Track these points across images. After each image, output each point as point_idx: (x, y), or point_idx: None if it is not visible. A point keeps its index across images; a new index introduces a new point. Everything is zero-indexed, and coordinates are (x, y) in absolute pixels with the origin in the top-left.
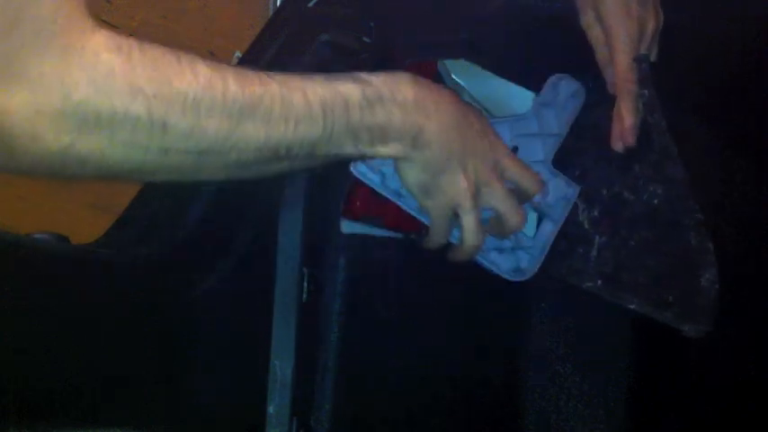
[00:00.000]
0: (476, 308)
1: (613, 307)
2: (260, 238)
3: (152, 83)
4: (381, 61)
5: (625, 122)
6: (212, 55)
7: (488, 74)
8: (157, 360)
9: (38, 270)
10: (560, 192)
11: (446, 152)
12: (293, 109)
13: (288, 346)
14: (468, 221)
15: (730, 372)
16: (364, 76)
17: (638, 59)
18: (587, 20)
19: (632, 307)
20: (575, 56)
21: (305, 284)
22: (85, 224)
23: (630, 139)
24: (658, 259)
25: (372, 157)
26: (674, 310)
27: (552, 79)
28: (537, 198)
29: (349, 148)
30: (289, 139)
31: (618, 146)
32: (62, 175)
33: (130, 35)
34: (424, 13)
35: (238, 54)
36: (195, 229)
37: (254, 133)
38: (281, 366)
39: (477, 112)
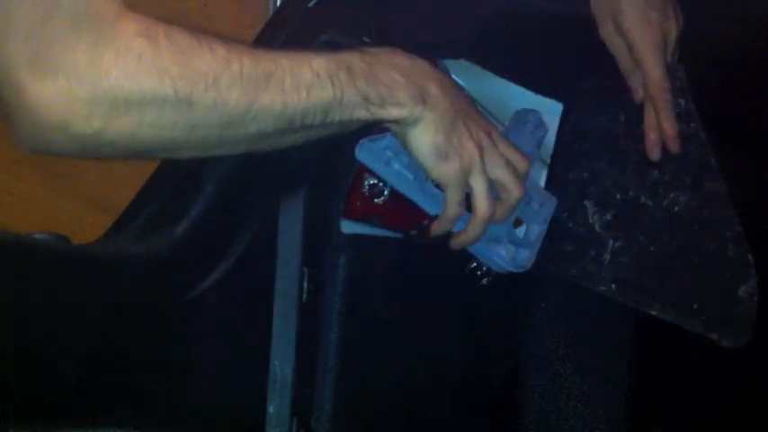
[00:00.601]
0: (476, 308)
1: (613, 307)
2: (260, 238)
3: (177, 65)
4: None
5: (668, 131)
6: None
7: (488, 74)
8: (157, 360)
9: (38, 270)
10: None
11: (453, 111)
12: (303, 78)
13: (288, 346)
14: (481, 186)
15: (730, 372)
16: (361, 48)
17: (672, 69)
18: (607, 32)
19: (654, 313)
20: (575, 56)
21: (305, 284)
22: (85, 224)
23: (676, 148)
24: (687, 267)
25: (386, 120)
26: (701, 318)
27: (518, 113)
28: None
29: (362, 112)
30: (303, 107)
31: (655, 154)
32: (93, 155)
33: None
34: (424, 13)
35: None
36: (195, 229)
37: (271, 104)
38: (281, 366)
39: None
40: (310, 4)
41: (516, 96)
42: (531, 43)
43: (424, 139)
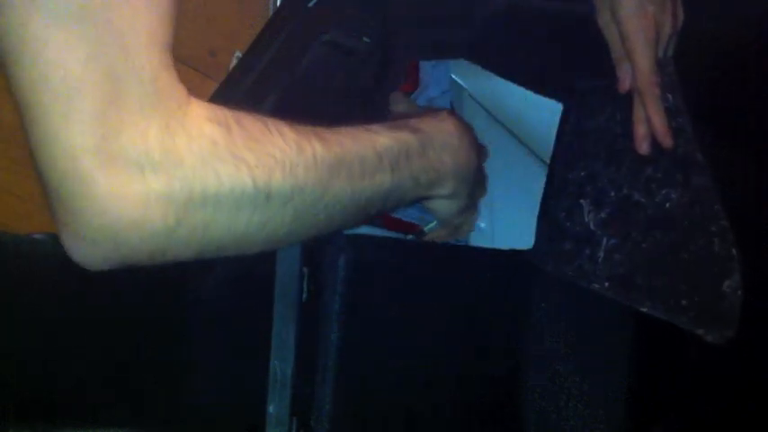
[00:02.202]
0: (476, 308)
1: (614, 307)
2: None
3: (252, 152)
4: (381, 61)
5: (656, 125)
6: (212, 55)
7: (488, 74)
8: (157, 360)
9: (38, 270)
10: None
11: (480, 175)
12: (369, 163)
13: (288, 346)
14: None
15: (730, 372)
16: (413, 122)
17: (662, 63)
18: (604, 19)
19: (645, 310)
20: (575, 56)
21: (305, 284)
22: None
23: (668, 142)
24: (676, 263)
25: (429, 199)
26: (689, 314)
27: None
28: None
29: (411, 193)
30: (368, 194)
31: (643, 149)
32: (161, 258)
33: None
34: (424, 13)
35: (238, 54)
36: None
37: (341, 191)
38: (281, 366)
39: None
40: (310, 4)
41: (516, 96)
42: (531, 43)
43: (450, 207)
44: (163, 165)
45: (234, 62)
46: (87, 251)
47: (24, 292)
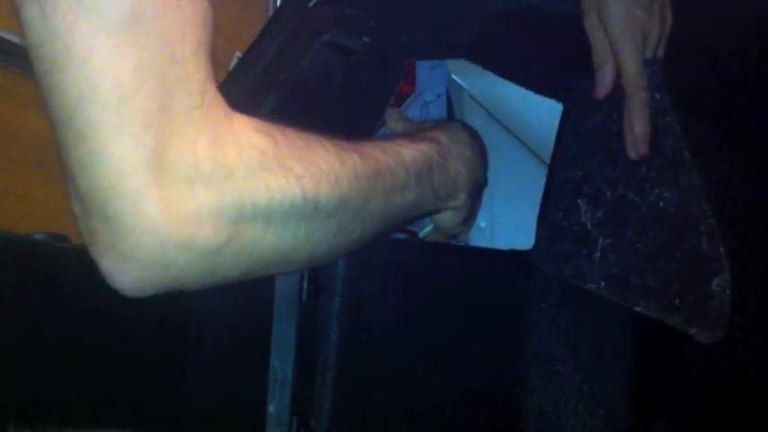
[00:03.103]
0: (476, 307)
1: (614, 307)
2: None
3: (299, 162)
4: (381, 61)
5: (636, 130)
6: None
7: (488, 74)
8: (157, 360)
9: (38, 270)
10: None
11: (485, 185)
12: (399, 177)
13: (288, 346)
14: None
15: (730, 372)
16: (432, 134)
17: (649, 63)
18: (590, 22)
19: (639, 309)
20: (574, 56)
21: (305, 284)
22: None
23: (643, 149)
24: (669, 263)
25: (444, 210)
26: (682, 314)
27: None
28: None
29: (430, 206)
30: (397, 207)
31: (632, 154)
32: (207, 281)
33: None
34: (424, 13)
35: (238, 54)
36: None
37: (376, 205)
38: (281, 366)
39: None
40: (310, 4)
41: (516, 96)
42: (531, 43)
43: (453, 219)
44: (213, 178)
45: (234, 62)
46: (134, 275)
47: (24, 291)
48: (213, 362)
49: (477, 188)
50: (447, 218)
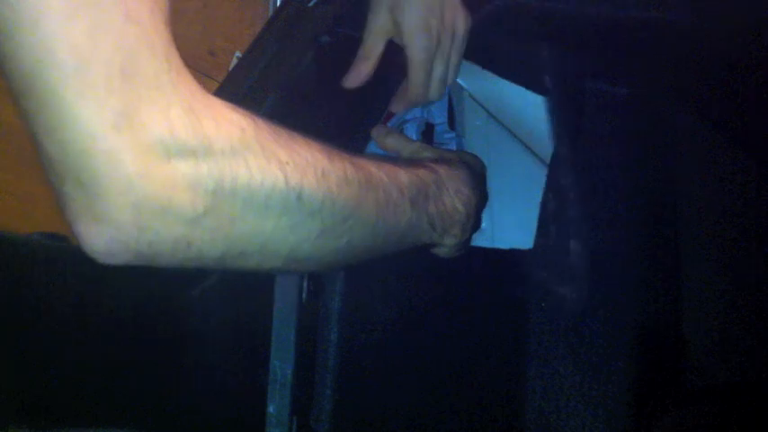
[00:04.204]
0: (476, 308)
1: (613, 307)
2: None
3: (283, 149)
4: (381, 61)
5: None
6: (212, 55)
7: (488, 74)
8: (157, 360)
9: (38, 270)
10: None
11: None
12: (393, 194)
13: (288, 346)
14: None
15: (730, 372)
16: (432, 165)
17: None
18: (379, 23)
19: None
20: (573, 56)
21: (305, 284)
22: None
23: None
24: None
25: (438, 245)
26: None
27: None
28: None
29: (425, 237)
30: (390, 225)
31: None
32: (182, 253)
33: None
34: None
35: (238, 54)
36: None
37: (368, 215)
38: (281, 366)
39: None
40: (310, 4)
41: (516, 96)
42: (531, 43)
43: (446, 252)
44: (190, 147)
45: (234, 62)
46: (108, 237)
47: (24, 291)
48: (213, 362)
49: (473, 227)
50: (440, 251)
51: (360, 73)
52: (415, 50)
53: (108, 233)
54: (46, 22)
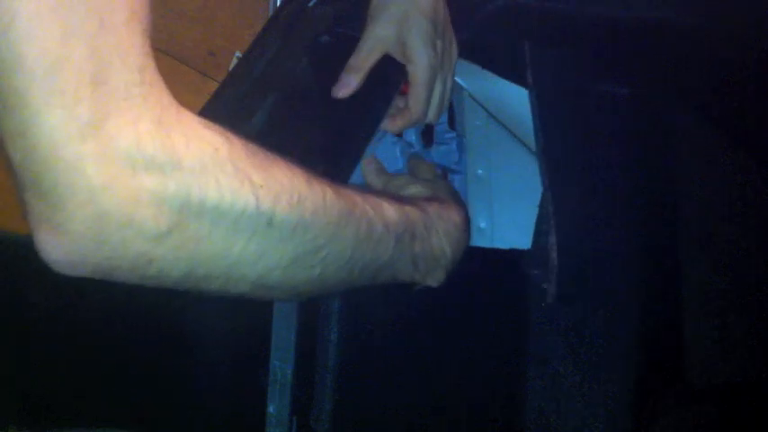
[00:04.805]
0: (476, 308)
1: (613, 307)
2: None
3: (258, 171)
4: (381, 61)
5: (350, 86)
6: (212, 55)
7: (488, 74)
8: (158, 360)
9: (38, 270)
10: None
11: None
12: (375, 228)
13: (288, 346)
14: None
15: (731, 372)
16: (422, 203)
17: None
18: (383, 33)
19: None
20: (573, 56)
21: None
22: None
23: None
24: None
25: (420, 285)
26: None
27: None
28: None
29: (406, 275)
30: (367, 259)
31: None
32: (141, 270)
33: None
34: None
35: (238, 54)
36: None
37: (343, 247)
38: (281, 366)
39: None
40: (310, 4)
41: (516, 96)
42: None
43: (431, 283)
44: (157, 161)
45: (234, 62)
46: (67, 249)
47: (24, 291)
48: (213, 362)
49: (455, 265)
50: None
51: (349, 84)
52: (421, 69)
53: (66, 244)
54: (17, 24)
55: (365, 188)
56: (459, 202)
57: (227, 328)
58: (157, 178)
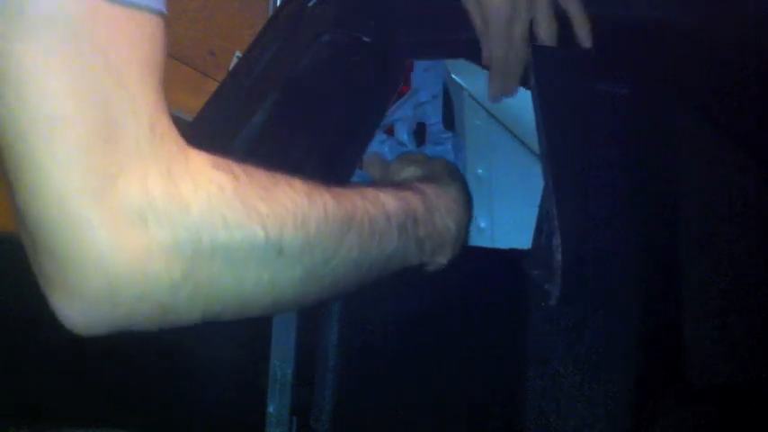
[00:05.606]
0: (476, 307)
1: (613, 306)
2: None
3: (263, 201)
4: (381, 61)
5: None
6: (212, 55)
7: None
8: (157, 360)
9: None
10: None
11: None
12: (377, 224)
13: (288, 346)
14: None
15: (731, 372)
16: (419, 186)
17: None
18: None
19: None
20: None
21: None
22: None
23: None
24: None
25: (428, 265)
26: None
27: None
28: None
29: (414, 259)
30: (374, 255)
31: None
32: (159, 322)
33: None
34: (424, 12)
35: (238, 54)
36: None
37: (350, 252)
38: (281, 366)
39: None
40: (310, 4)
41: (516, 96)
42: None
43: (438, 266)
44: (167, 213)
45: (234, 62)
46: (83, 313)
47: (24, 292)
48: (213, 362)
49: (462, 242)
50: (430, 267)
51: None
52: (491, 26)
53: (81, 308)
54: (32, 80)
55: (362, 183)
56: (455, 175)
57: (227, 327)
58: (168, 229)
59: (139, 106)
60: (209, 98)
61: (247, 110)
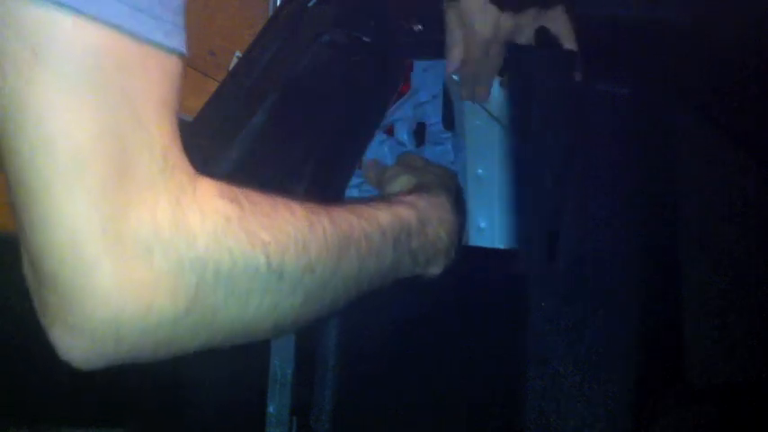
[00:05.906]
0: (476, 307)
1: (614, 307)
2: None
3: (266, 229)
4: (381, 61)
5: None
6: (212, 55)
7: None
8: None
9: None
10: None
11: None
12: (374, 241)
13: (288, 346)
14: None
15: (731, 372)
16: (410, 198)
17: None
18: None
19: None
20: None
21: None
22: None
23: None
24: None
25: (422, 276)
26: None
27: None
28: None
29: (407, 271)
30: (372, 272)
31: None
32: (162, 354)
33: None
34: (424, 12)
35: (238, 54)
36: None
37: (349, 271)
38: (281, 366)
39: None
40: (310, 4)
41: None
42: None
43: (434, 271)
44: (173, 243)
45: (234, 62)
46: (84, 349)
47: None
48: (213, 362)
49: (455, 251)
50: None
51: (455, 59)
52: (480, 27)
53: (84, 345)
54: (53, 120)
55: (356, 200)
56: (449, 183)
57: None
58: (174, 260)
59: (154, 139)
60: (209, 98)
61: (247, 110)
